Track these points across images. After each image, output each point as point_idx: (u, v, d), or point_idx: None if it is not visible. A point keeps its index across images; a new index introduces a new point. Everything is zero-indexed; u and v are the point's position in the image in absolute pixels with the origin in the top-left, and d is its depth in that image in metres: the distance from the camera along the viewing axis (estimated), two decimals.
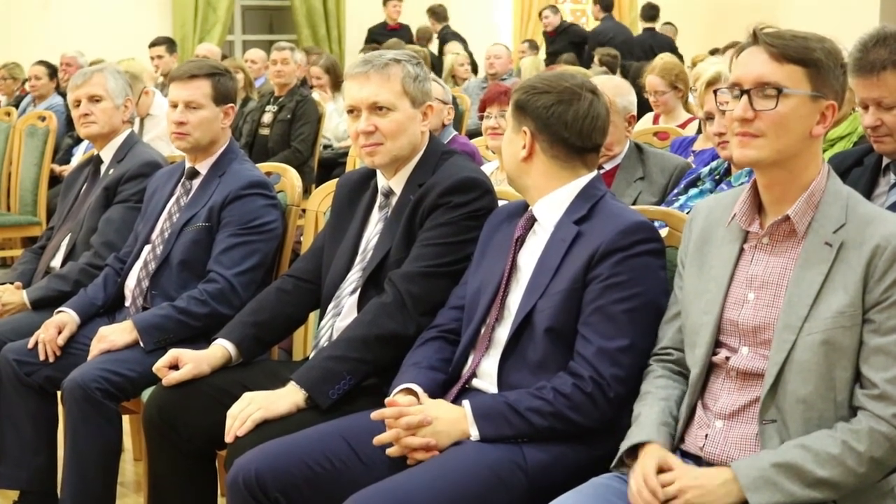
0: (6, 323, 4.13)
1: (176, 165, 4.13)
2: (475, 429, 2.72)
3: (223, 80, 3.95)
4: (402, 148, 3.27)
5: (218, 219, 3.82)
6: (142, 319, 3.74)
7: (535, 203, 2.93)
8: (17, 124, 7.67)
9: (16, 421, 3.90)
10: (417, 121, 3.29)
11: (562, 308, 2.77)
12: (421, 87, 3.29)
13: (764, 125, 2.45)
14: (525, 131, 2.90)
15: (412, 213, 3.23)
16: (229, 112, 3.95)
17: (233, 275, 3.74)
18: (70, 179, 4.64)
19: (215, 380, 3.33)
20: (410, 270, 3.16)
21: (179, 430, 3.26)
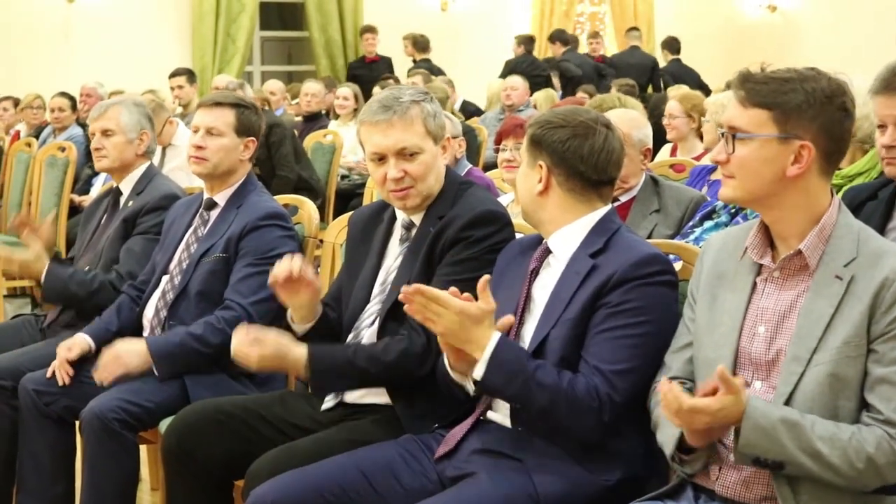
0: (25, 353, 4.16)
1: (194, 196, 4.16)
2: (481, 366, 2.71)
3: (247, 113, 3.99)
4: (431, 187, 3.28)
5: (235, 249, 3.84)
6: (158, 347, 3.76)
7: (550, 236, 2.94)
8: (38, 155, 7.73)
9: (35, 450, 3.92)
10: (439, 156, 3.31)
11: (572, 336, 2.79)
12: (439, 123, 3.30)
13: (733, 167, 2.53)
14: (541, 165, 2.92)
15: (432, 245, 3.24)
16: (250, 145, 3.98)
17: (249, 303, 3.76)
18: (90, 210, 4.67)
19: (233, 409, 3.37)
20: None
21: (198, 459, 3.29)
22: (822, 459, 2.36)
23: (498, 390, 2.77)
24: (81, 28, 12.45)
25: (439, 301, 2.68)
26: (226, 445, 3.26)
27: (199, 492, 3.34)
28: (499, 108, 10.68)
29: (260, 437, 3.28)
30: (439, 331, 2.74)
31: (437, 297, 2.68)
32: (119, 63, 12.25)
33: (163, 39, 13.41)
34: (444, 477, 2.88)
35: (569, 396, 2.69)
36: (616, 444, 2.77)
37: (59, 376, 3.84)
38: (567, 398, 2.69)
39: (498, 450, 2.83)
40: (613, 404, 2.71)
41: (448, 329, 2.71)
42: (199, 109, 4.03)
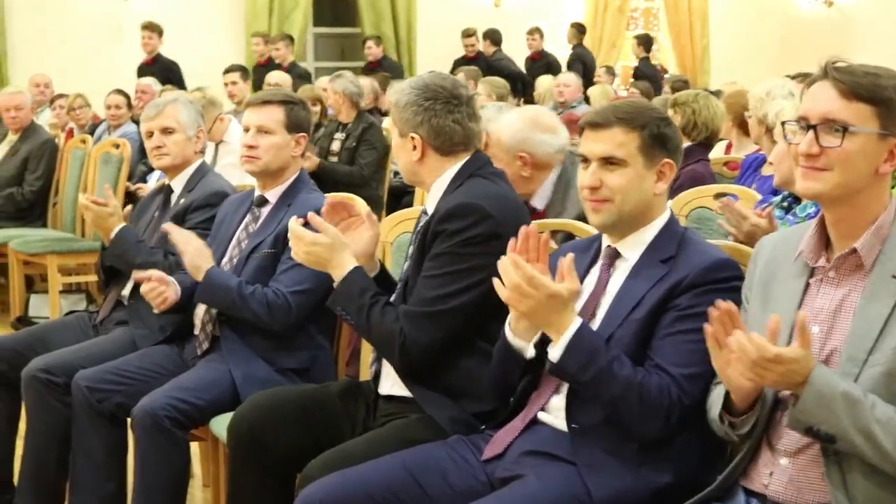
0: (78, 350, 4.19)
1: (246, 193, 4.17)
2: (559, 349, 2.70)
3: (296, 109, 4.00)
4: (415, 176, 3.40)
5: (284, 244, 3.85)
6: (213, 274, 3.82)
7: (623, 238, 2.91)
8: (92, 152, 7.78)
9: (87, 447, 3.96)
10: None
11: (638, 337, 2.77)
12: None
13: (829, 161, 2.45)
14: (669, 162, 2.89)
15: (422, 236, 3.26)
16: (301, 141, 3.99)
17: (290, 292, 3.77)
18: (142, 208, 4.70)
19: (299, 399, 3.41)
20: (413, 311, 3.16)
21: (265, 450, 3.30)
22: (874, 440, 2.32)
23: (571, 375, 2.75)
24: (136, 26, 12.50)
25: (532, 282, 2.66)
26: (292, 436, 3.29)
27: (263, 483, 3.33)
28: (550, 105, 10.64)
29: (324, 429, 3.30)
30: (522, 310, 2.73)
31: (532, 278, 2.66)
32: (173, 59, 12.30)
33: (217, 36, 13.47)
34: (493, 478, 2.86)
35: (641, 392, 2.67)
36: (672, 448, 2.74)
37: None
38: (640, 393, 2.67)
39: (549, 451, 2.81)
40: (682, 407, 2.69)
41: (533, 310, 2.70)
42: (247, 108, 4.04)
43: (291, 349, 3.85)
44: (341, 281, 3.23)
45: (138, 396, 3.75)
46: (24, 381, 4.09)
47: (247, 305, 3.76)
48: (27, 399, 4.12)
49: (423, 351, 3.15)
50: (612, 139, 2.84)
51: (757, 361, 2.34)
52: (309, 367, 3.86)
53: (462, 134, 3.30)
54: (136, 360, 4.03)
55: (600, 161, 2.85)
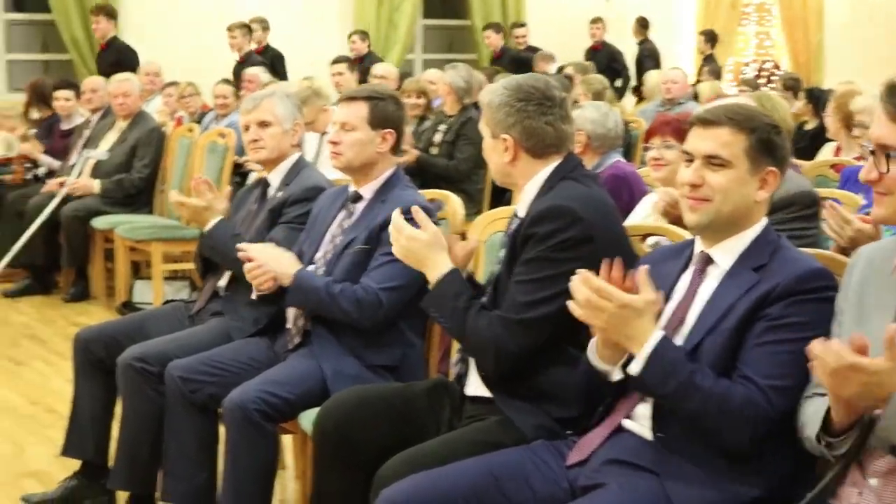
0: (173, 340, 4.24)
1: (341, 188, 4.18)
2: (639, 362, 2.67)
3: (381, 105, 3.99)
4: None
5: (377, 241, 3.86)
6: (302, 277, 3.86)
7: (717, 244, 2.86)
8: (199, 140, 7.88)
9: (180, 437, 4.01)
10: None
11: (728, 346, 2.71)
12: None
13: (886, 185, 2.43)
14: (773, 171, 2.84)
15: (513, 239, 3.23)
16: (387, 137, 3.98)
17: (381, 289, 3.78)
18: (239, 201, 4.73)
19: (385, 397, 3.41)
20: (506, 317, 3.13)
21: (350, 445, 3.31)
22: None
23: (652, 388, 2.71)
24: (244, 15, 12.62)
25: (602, 293, 2.64)
26: (377, 433, 3.29)
27: (348, 478, 3.33)
28: (658, 101, 10.53)
29: (409, 428, 3.30)
30: (600, 325, 2.70)
31: (600, 289, 2.64)
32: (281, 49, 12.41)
33: (325, 27, 13.54)
34: (575, 485, 2.82)
35: (725, 405, 2.62)
36: (760, 461, 2.68)
37: None
38: (723, 407, 2.62)
39: (633, 461, 2.77)
40: (768, 420, 2.63)
41: (609, 324, 2.67)
42: (339, 104, 4.06)
43: (382, 346, 3.85)
44: (437, 282, 3.22)
45: (230, 388, 3.78)
46: (120, 368, 4.16)
47: (336, 304, 3.78)
48: (122, 387, 4.18)
49: (516, 358, 3.12)
50: (719, 138, 2.80)
51: (837, 370, 2.28)
52: (399, 364, 3.86)
53: (554, 136, 3.27)
54: (229, 351, 4.07)
55: (704, 159, 2.81)
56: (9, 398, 5.90)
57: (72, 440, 4.50)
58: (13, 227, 8.49)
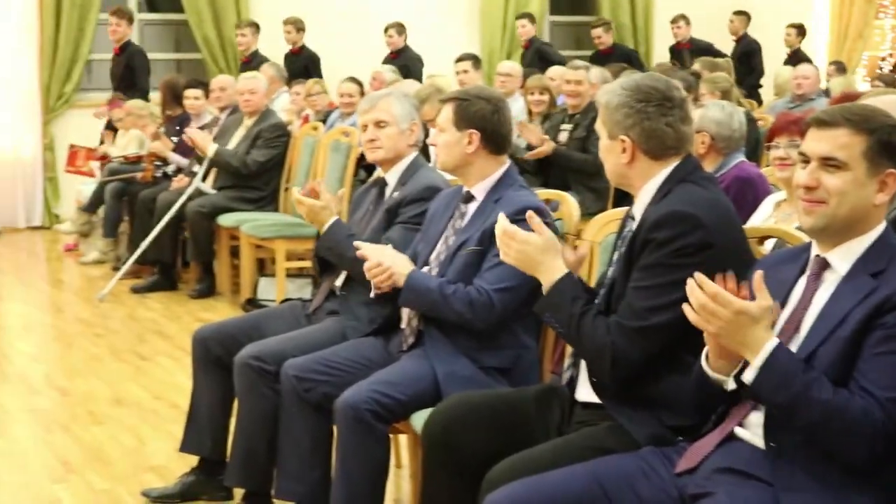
0: (290, 339, 4.27)
1: (456, 188, 4.16)
2: (753, 370, 2.62)
3: (466, 105, 3.97)
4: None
5: (490, 242, 3.83)
6: (415, 277, 3.86)
7: (834, 248, 2.77)
8: (323, 139, 7.95)
9: (295, 435, 4.04)
10: None
11: (843, 355, 2.63)
12: None
13: None
14: (894, 174, 2.74)
15: (630, 243, 3.15)
16: (472, 138, 3.94)
17: (494, 290, 3.75)
18: (356, 201, 4.75)
19: (494, 402, 3.39)
20: (624, 324, 3.06)
21: (458, 451, 3.29)
22: None
23: (766, 397, 2.64)
24: (375, 13, 12.70)
25: (717, 298, 2.58)
26: (484, 439, 3.27)
27: (455, 482, 3.32)
28: (788, 97, 10.32)
29: (517, 434, 3.26)
30: (713, 331, 2.65)
31: (716, 294, 2.59)
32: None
33: (453, 24, 13.55)
34: (684, 493, 2.76)
35: (841, 418, 2.54)
36: (878, 473, 2.59)
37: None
38: (839, 420, 2.54)
39: (744, 470, 2.69)
40: (887, 435, 2.54)
41: (723, 330, 2.62)
42: None
43: (495, 347, 3.82)
44: (551, 287, 3.16)
45: (344, 387, 3.80)
46: (237, 367, 4.20)
47: (449, 305, 3.76)
48: (239, 384, 4.23)
49: (634, 365, 3.06)
50: (836, 140, 2.72)
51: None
52: (512, 366, 3.83)
53: (674, 137, 3.20)
54: (343, 351, 4.09)
55: (820, 161, 2.72)
56: (134, 392, 6.02)
57: (190, 437, 4.57)
58: (143, 223, 8.69)
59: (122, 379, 6.28)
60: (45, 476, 4.87)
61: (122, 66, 10.77)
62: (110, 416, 5.62)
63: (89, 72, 12.24)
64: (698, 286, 2.61)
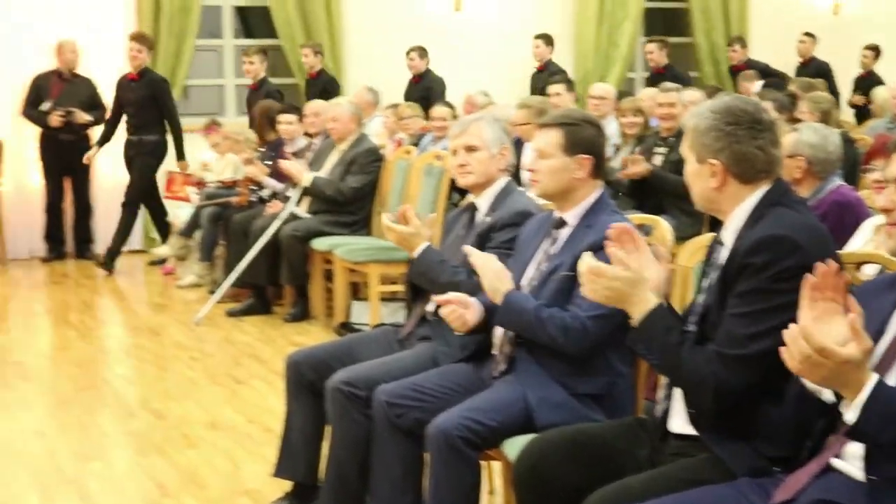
0: (381, 364, 4.28)
1: (547, 214, 4.14)
2: (855, 411, 2.53)
3: (576, 130, 3.93)
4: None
5: None
6: (512, 299, 3.81)
7: None
8: (416, 163, 7.97)
9: (386, 460, 4.03)
10: None
11: None
12: None
13: None
14: None
15: (725, 269, 3.08)
16: (583, 163, 3.92)
17: (588, 317, 3.71)
18: (448, 224, 4.75)
19: (584, 439, 3.34)
20: (725, 353, 2.98)
21: (548, 488, 3.26)
22: None
23: (871, 436, 2.57)
24: (467, 36, 12.74)
25: (825, 353, 2.47)
26: (575, 476, 3.22)
27: None
28: (888, 118, 10.13)
29: (607, 469, 3.21)
30: (815, 380, 2.58)
31: (824, 349, 2.47)
32: (502, 70, 12.47)
33: None
34: None
35: None
36: None
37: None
38: None
39: (843, 502, 2.63)
40: None
41: (825, 378, 2.54)
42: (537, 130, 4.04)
43: (588, 374, 3.79)
44: (644, 319, 3.08)
45: (435, 413, 3.78)
46: (329, 392, 4.22)
47: (544, 329, 3.73)
48: (331, 410, 4.24)
49: (736, 395, 2.98)
50: None
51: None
52: (605, 393, 3.79)
53: (764, 160, 3.15)
54: (435, 376, 4.08)
55: None
56: (228, 416, 6.06)
57: (283, 461, 4.59)
58: (239, 247, 8.78)
59: (216, 402, 6.34)
60: (140, 499, 4.93)
61: (140, 94, 10.67)
62: (205, 440, 5.67)
63: (186, 97, 12.41)
64: (803, 337, 2.50)
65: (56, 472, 5.24)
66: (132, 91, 10.65)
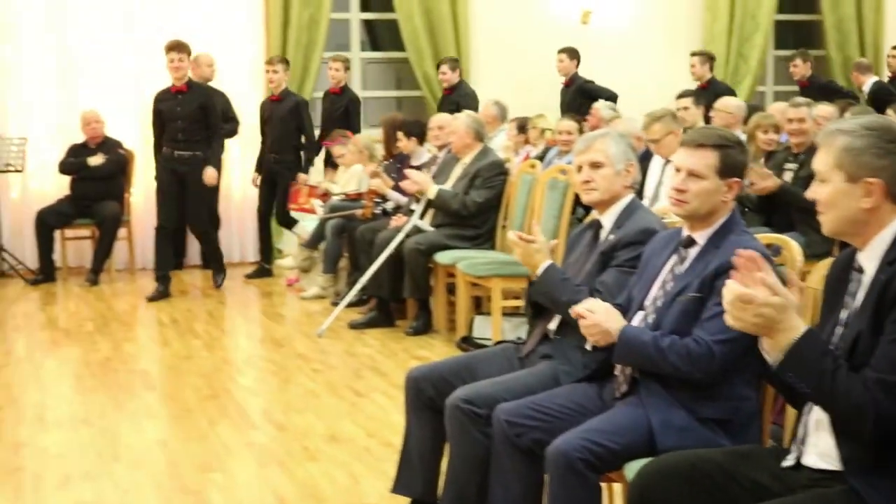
0: (502, 382, 4.22)
1: (673, 231, 4.04)
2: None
3: (732, 153, 3.82)
4: None
5: (710, 288, 3.70)
6: (628, 333, 3.74)
7: None
8: (540, 177, 7.91)
9: (505, 480, 3.98)
10: None
11: None
12: None
13: None
14: None
15: (880, 296, 2.93)
16: (734, 186, 3.81)
17: (714, 341, 3.60)
18: (572, 241, 4.68)
19: (704, 465, 3.23)
20: (886, 379, 2.83)
21: None
22: None
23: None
24: (593, 49, 12.64)
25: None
26: (692, 501, 3.14)
27: None
28: None
29: (726, 496, 3.13)
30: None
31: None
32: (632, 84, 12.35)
33: (675, 60, 13.37)
34: None
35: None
36: None
37: None
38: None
39: None
40: None
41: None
42: (681, 148, 3.90)
43: (713, 398, 3.67)
44: (794, 345, 2.89)
45: (555, 433, 3.71)
46: (448, 409, 4.17)
47: (666, 360, 3.65)
48: (450, 427, 4.20)
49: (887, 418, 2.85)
50: None
51: None
52: (731, 417, 3.67)
53: None
54: (556, 396, 4.01)
55: None
56: (348, 429, 6.06)
57: (402, 478, 4.57)
58: (362, 260, 8.82)
59: (337, 415, 6.34)
60: None
61: (194, 106, 10.17)
62: (325, 453, 5.66)
63: (312, 109, 12.52)
64: None
65: (177, 481, 5.28)
66: (182, 104, 10.30)
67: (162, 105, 10.25)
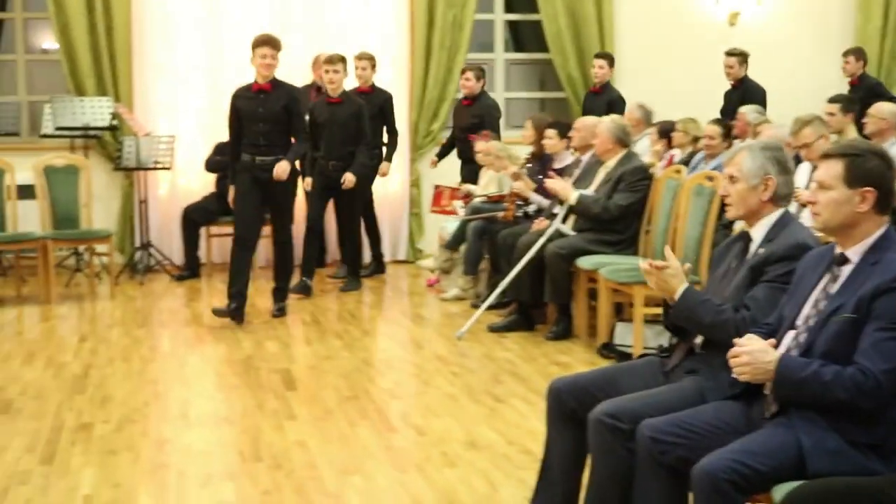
0: (647, 396, 4.15)
1: (827, 248, 3.93)
2: None
3: (859, 161, 3.71)
4: None
5: (867, 310, 3.58)
6: (786, 366, 3.63)
7: None
8: (686, 183, 7.79)
9: (647, 497, 3.91)
10: None
11: None
12: None
13: None
14: None
15: None
16: (867, 196, 3.70)
17: (881, 371, 3.49)
18: (719, 254, 4.58)
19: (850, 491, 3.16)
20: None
21: None
22: None
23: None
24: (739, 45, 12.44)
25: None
26: None
27: None
28: None
29: None
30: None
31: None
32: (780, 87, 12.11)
33: (825, 63, 13.07)
34: None
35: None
36: None
37: None
38: None
39: None
40: None
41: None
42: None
43: (866, 423, 3.55)
44: None
45: (701, 452, 3.64)
46: (591, 423, 4.11)
47: (830, 393, 3.54)
48: (592, 441, 4.13)
49: None
50: None
51: None
52: (884, 442, 3.55)
53: None
54: (702, 413, 3.92)
55: None
56: (487, 435, 6.03)
57: (541, 490, 4.52)
58: (503, 262, 8.79)
59: (476, 420, 6.32)
60: None
61: (279, 106, 9.03)
62: (463, 459, 5.64)
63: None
64: None
65: (316, 483, 5.31)
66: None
67: (240, 103, 9.15)
